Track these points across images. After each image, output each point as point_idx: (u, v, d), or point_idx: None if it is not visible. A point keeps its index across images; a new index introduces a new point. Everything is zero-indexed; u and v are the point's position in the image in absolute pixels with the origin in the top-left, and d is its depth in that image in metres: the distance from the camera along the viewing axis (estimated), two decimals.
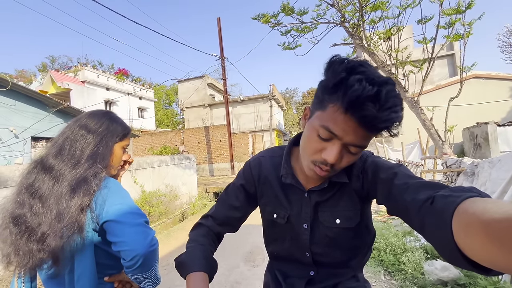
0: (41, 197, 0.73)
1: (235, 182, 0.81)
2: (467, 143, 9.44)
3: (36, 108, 7.24)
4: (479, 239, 0.31)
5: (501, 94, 10.46)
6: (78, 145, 0.79)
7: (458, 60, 12.82)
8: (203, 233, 0.75)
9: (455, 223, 0.37)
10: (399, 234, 3.41)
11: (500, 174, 2.48)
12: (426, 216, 0.44)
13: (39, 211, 0.71)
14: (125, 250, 0.71)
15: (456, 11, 3.86)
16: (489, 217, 0.31)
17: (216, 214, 0.79)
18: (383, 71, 4.73)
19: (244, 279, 2.86)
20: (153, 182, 5.43)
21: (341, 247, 0.69)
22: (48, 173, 0.75)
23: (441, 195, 0.43)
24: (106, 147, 0.83)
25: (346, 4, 4.81)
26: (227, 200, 0.80)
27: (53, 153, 0.78)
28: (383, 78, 0.50)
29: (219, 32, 11.67)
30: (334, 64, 0.53)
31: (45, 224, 0.70)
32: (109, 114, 0.91)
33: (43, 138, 7.53)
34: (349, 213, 0.67)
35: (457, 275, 2.26)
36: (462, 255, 0.36)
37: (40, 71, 24.71)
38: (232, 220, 0.79)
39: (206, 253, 0.67)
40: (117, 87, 19.36)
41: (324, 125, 0.54)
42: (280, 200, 0.74)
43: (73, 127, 0.83)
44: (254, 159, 0.81)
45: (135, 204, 0.79)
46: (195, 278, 0.59)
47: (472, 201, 0.37)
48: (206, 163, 13.97)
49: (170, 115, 34.15)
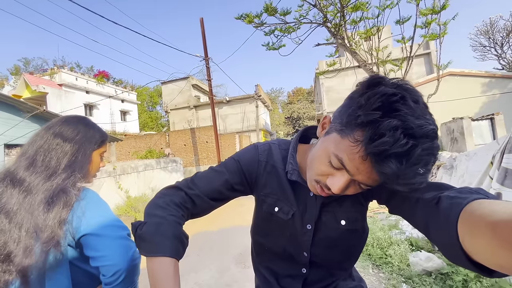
0: (8, 212, 0.66)
1: (238, 159, 0.69)
2: (444, 137, 9.91)
3: (9, 114, 6.83)
4: (485, 240, 0.31)
5: (474, 90, 11.08)
6: (53, 155, 0.74)
7: (434, 58, 13.42)
8: (177, 200, 0.62)
9: (461, 224, 0.36)
10: (385, 228, 3.51)
11: (476, 167, 2.62)
12: (431, 217, 0.44)
13: (4, 228, 0.65)
14: (105, 265, 0.67)
15: (432, 11, 4.04)
16: (496, 218, 0.30)
17: (207, 184, 0.66)
18: (365, 70, 4.86)
19: (235, 281, 2.83)
20: (139, 187, 5.29)
21: (340, 248, 0.67)
22: (17, 187, 0.69)
23: (447, 196, 0.42)
24: (84, 155, 0.78)
25: (328, 5, 4.90)
26: (226, 175, 0.67)
27: (24, 165, 0.72)
28: (425, 130, 0.41)
29: (203, 32, 11.55)
30: (370, 91, 0.44)
31: (12, 242, 0.63)
32: (84, 120, 0.85)
33: (18, 145, 7.12)
34: (356, 214, 0.65)
35: (440, 265, 2.36)
36: (467, 256, 0.35)
37: (13, 74, 23.38)
38: (220, 198, 0.67)
39: (176, 228, 0.56)
40: (98, 90, 18.67)
41: (338, 156, 0.49)
42: (287, 195, 0.68)
43: (45, 135, 0.76)
44: (263, 144, 0.72)
45: (115, 216, 0.75)
46: (162, 265, 0.51)
47: (479, 202, 0.36)
48: (193, 165, 13.77)
49: (154, 118, 33.37)
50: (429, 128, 0.41)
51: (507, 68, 16.57)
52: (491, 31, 16.69)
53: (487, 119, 8.97)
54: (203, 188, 0.65)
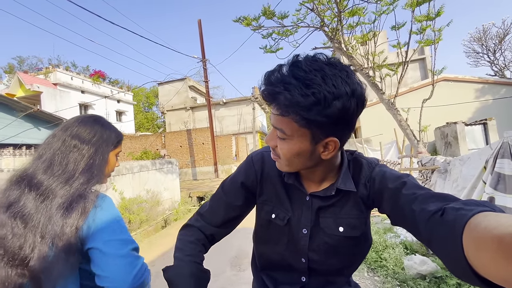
0: (24, 216, 0.65)
1: (235, 177, 0.74)
2: (438, 141, 10.04)
3: (2, 113, 6.73)
4: (490, 254, 0.30)
5: (467, 95, 11.26)
6: (71, 157, 0.72)
7: (429, 64, 13.62)
8: (192, 239, 0.68)
9: (465, 237, 0.35)
10: (380, 231, 3.53)
11: (470, 171, 2.65)
12: (435, 228, 0.43)
13: (20, 232, 0.64)
14: (108, 286, 0.65)
15: (427, 17, 4.11)
16: (502, 230, 0.29)
17: (211, 214, 0.72)
18: (361, 74, 4.91)
19: (230, 284, 2.81)
20: (133, 188, 5.23)
21: (339, 255, 0.66)
22: (34, 190, 0.67)
23: (451, 208, 0.42)
24: (102, 158, 0.77)
25: (325, 9, 4.95)
26: (224, 198, 0.73)
27: (42, 169, 0.70)
28: (266, 77, 0.56)
29: (200, 34, 11.55)
30: None
31: (27, 247, 0.63)
32: (100, 120, 0.83)
33: (10, 145, 6.99)
34: (354, 221, 0.64)
35: (435, 268, 2.37)
36: (472, 270, 0.34)
37: (6, 72, 22.96)
38: (230, 220, 0.73)
39: (193, 267, 0.62)
40: (93, 90, 18.48)
41: None
42: (282, 200, 0.69)
43: (62, 136, 0.74)
44: (256, 154, 0.76)
45: (125, 227, 0.72)
46: None
47: (484, 215, 0.36)
48: (189, 167, 13.68)
49: (150, 119, 33.13)
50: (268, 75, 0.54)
51: (499, 74, 16.91)
52: (484, 38, 17.04)
53: (480, 124, 9.12)
54: (209, 220, 0.72)
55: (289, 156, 0.58)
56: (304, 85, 0.48)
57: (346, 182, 0.63)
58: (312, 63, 0.51)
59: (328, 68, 0.50)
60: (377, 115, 11.31)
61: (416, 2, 4.08)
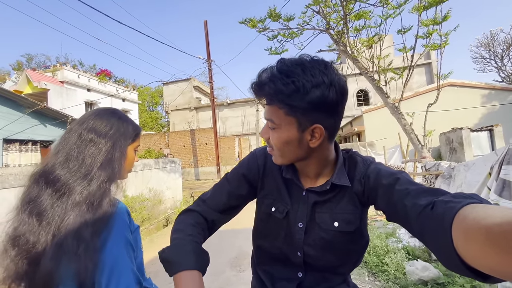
0: (40, 213, 0.63)
1: (238, 169, 0.77)
2: (443, 147, 9.94)
3: (9, 109, 6.83)
4: (479, 244, 0.31)
5: (474, 101, 11.14)
6: (87, 152, 0.69)
7: (434, 68, 13.53)
8: (192, 221, 0.68)
9: (454, 228, 0.36)
10: (382, 235, 3.50)
11: (475, 177, 2.62)
12: (425, 222, 0.44)
13: (34, 229, 0.62)
14: None
15: (433, 22, 4.08)
16: (490, 221, 0.30)
17: (213, 200, 0.74)
18: (366, 77, 4.89)
19: (230, 285, 2.81)
20: (136, 187, 5.26)
21: (334, 251, 0.67)
22: (51, 187, 0.65)
23: (441, 201, 0.43)
24: (120, 152, 0.74)
25: (331, 12, 4.95)
26: (227, 187, 0.75)
27: (59, 163, 0.68)
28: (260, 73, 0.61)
29: (206, 34, 11.63)
30: None
31: (39, 245, 0.61)
32: (117, 113, 0.80)
33: (17, 141, 7.10)
34: (349, 216, 0.66)
35: (437, 274, 2.34)
36: (461, 261, 0.35)
37: (15, 70, 23.37)
38: (230, 208, 0.75)
39: (194, 245, 0.61)
40: (99, 88, 18.66)
41: None
42: (282, 194, 0.72)
43: (78, 130, 0.71)
44: (260, 149, 0.78)
45: (129, 245, 0.69)
46: (186, 278, 0.54)
47: (472, 206, 0.37)
48: (192, 166, 13.73)
49: (154, 118, 33.37)
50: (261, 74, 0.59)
51: (506, 80, 16.71)
52: (492, 43, 16.87)
53: (486, 130, 9.01)
54: (210, 204, 0.73)
55: (280, 145, 0.62)
56: (285, 76, 0.55)
57: (341, 177, 0.65)
58: (295, 60, 0.57)
59: (308, 62, 0.57)
60: (381, 119, 11.25)
61: (423, 6, 4.05)
